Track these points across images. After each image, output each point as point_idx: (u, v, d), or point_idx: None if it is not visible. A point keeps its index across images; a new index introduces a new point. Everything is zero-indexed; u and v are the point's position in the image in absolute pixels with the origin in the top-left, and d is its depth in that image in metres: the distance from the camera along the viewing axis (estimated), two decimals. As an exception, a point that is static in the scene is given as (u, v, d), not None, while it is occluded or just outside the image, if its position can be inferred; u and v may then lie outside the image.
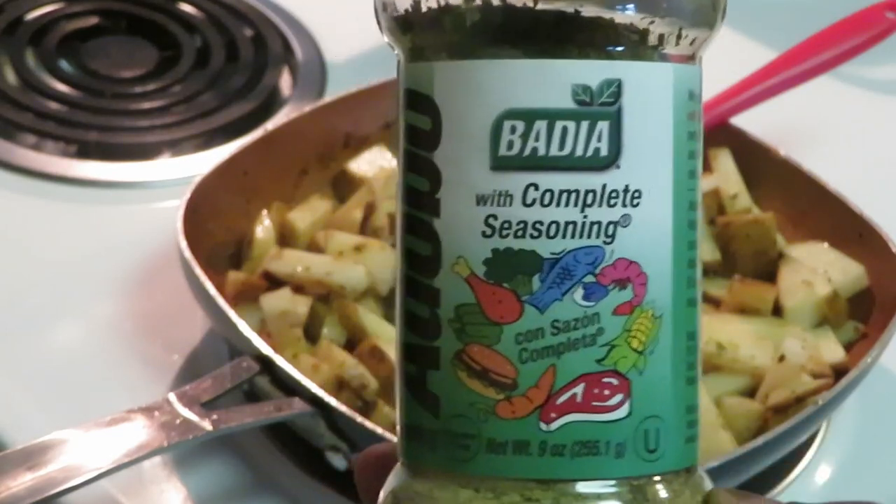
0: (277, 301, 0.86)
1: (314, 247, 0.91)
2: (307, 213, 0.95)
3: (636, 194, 0.43)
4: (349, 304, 0.86)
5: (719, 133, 1.01)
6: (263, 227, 0.94)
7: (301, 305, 0.87)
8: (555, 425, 0.42)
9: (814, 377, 0.86)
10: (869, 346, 0.88)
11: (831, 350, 0.89)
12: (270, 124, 1.06)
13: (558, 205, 0.42)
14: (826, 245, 0.96)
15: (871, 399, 0.93)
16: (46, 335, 0.93)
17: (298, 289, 0.88)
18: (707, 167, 0.99)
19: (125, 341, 0.93)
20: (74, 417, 0.75)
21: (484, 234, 0.42)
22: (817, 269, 0.93)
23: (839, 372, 0.87)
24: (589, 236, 0.42)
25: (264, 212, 0.95)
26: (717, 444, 0.83)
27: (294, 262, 0.88)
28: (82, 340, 0.93)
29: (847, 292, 0.93)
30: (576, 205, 0.42)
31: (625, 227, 0.42)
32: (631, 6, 0.42)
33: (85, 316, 0.95)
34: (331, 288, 0.87)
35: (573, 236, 0.42)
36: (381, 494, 0.45)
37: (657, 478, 0.43)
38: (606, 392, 0.43)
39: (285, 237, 0.94)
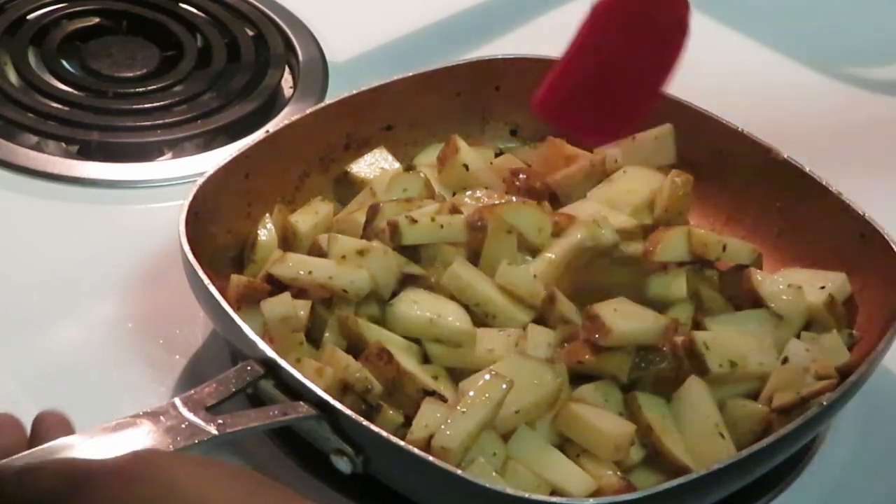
0: (278, 306, 0.86)
1: (316, 250, 0.91)
2: (309, 216, 0.95)
3: None
4: (350, 317, 0.86)
5: (718, 133, 1.01)
6: (266, 230, 0.94)
7: (302, 310, 0.86)
8: None
9: (818, 380, 0.86)
10: (865, 349, 0.88)
11: (836, 352, 0.89)
12: (272, 126, 1.06)
13: None
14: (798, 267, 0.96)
15: (873, 401, 0.93)
16: (48, 337, 0.93)
17: (301, 292, 0.88)
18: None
19: (127, 343, 0.93)
20: (78, 420, 0.75)
21: None
22: (799, 281, 0.93)
23: (844, 374, 0.87)
24: None
25: (267, 214, 0.95)
26: (720, 446, 0.83)
27: (297, 265, 0.88)
28: (84, 342, 0.93)
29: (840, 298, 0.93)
30: None
31: None
32: None
33: (86, 317, 0.95)
34: (333, 292, 0.87)
35: None
36: None
37: None
38: None
39: (287, 240, 0.94)
